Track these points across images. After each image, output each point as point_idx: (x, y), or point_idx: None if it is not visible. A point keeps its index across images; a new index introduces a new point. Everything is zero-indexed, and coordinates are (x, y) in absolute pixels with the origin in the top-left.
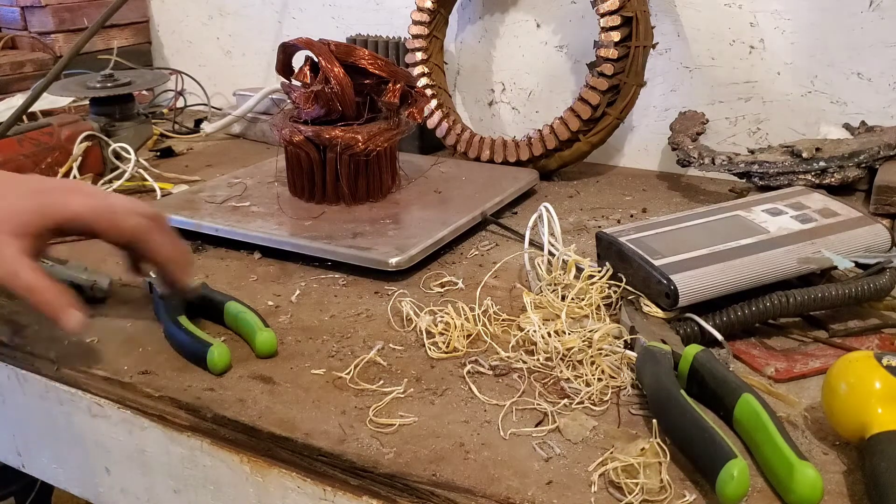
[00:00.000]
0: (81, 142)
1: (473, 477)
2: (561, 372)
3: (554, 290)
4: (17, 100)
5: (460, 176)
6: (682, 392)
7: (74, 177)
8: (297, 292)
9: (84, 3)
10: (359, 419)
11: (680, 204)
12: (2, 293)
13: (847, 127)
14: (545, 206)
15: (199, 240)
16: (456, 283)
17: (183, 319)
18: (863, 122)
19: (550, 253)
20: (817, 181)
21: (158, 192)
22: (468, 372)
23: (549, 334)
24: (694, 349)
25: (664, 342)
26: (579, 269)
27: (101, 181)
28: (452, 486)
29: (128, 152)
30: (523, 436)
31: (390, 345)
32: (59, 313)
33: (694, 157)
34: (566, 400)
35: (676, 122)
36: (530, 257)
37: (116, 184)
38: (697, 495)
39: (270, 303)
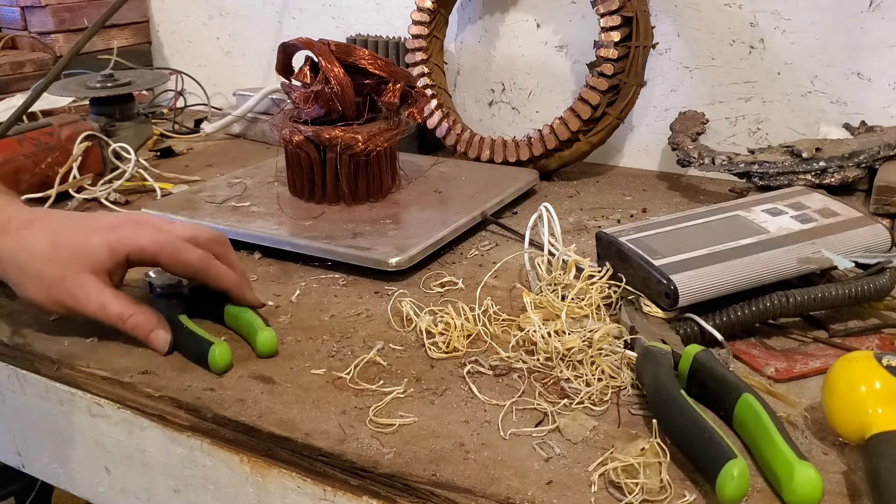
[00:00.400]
0: (81, 142)
1: (473, 477)
2: (561, 372)
3: (554, 290)
4: (17, 100)
5: (460, 176)
6: (682, 392)
7: (74, 177)
8: (297, 292)
9: (84, 3)
10: (359, 419)
11: (680, 204)
12: (2, 293)
13: (847, 127)
14: (545, 206)
15: None
16: (456, 283)
17: (183, 318)
18: (863, 122)
19: (550, 253)
20: (817, 181)
21: (158, 192)
22: (468, 372)
23: (549, 334)
24: (694, 349)
25: (664, 342)
26: (579, 269)
27: (101, 181)
28: (452, 486)
29: (128, 152)
30: (523, 436)
31: (390, 345)
32: (147, 336)
33: (694, 157)
34: (566, 400)
35: (676, 122)
36: (530, 257)
37: (116, 184)
38: (697, 495)
39: (270, 303)
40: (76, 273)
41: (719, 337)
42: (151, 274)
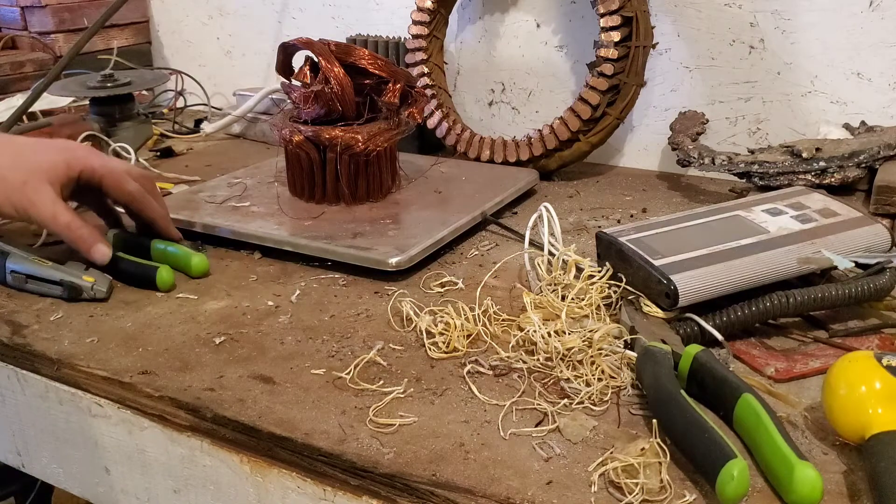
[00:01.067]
0: (81, 142)
1: (473, 477)
2: (561, 372)
3: (554, 290)
4: (17, 100)
5: (460, 176)
6: (682, 392)
7: None
8: (297, 292)
9: (84, 3)
10: (359, 419)
11: (680, 204)
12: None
13: (847, 127)
14: (545, 206)
15: (199, 239)
16: (456, 283)
17: (122, 254)
18: (863, 122)
19: (550, 253)
20: (817, 181)
21: None
22: (468, 372)
23: (550, 334)
24: (694, 349)
25: (664, 342)
26: (579, 269)
27: None
28: (452, 486)
29: (128, 152)
30: (523, 436)
31: (390, 345)
32: (90, 248)
33: (694, 157)
34: (566, 400)
35: (676, 122)
36: (530, 257)
37: None
38: (697, 495)
39: (270, 303)
40: (36, 181)
41: (719, 337)
42: None
